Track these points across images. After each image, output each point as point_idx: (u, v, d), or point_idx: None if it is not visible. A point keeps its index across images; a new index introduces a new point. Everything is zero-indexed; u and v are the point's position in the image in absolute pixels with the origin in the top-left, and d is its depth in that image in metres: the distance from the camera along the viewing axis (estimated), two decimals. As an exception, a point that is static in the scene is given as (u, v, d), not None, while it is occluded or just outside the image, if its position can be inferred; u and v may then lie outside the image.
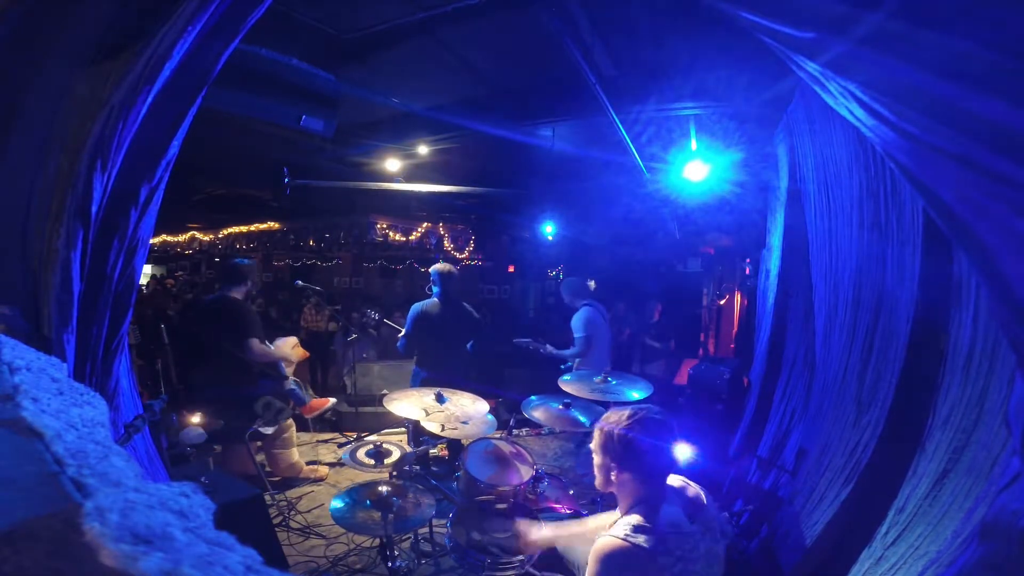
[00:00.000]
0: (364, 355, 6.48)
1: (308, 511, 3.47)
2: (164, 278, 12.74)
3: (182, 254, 13.63)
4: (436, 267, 4.07)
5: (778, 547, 2.49)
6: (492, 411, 3.10)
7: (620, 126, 3.93)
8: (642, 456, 1.46)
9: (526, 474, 2.65)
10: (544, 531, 1.93)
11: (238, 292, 3.73)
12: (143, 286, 9.08)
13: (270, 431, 3.75)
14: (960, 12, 1.01)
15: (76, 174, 1.41)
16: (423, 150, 5.52)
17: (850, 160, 2.34)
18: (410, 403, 2.83)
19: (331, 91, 3.69)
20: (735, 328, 8.14)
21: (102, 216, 1.60)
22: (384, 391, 5.13)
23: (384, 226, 9.05)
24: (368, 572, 2.84)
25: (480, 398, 3.00)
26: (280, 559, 2.74)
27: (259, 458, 4.02)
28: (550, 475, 2.95)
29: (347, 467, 3.12)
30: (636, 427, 1.48)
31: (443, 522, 2.62)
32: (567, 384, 3.10)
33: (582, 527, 1.86)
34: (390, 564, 2.42)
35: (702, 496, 1.54)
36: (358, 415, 5.24)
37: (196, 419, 3.09)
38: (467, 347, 4.15)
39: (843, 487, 2.11)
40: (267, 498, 3.37)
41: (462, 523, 2.30)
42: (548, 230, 7.37)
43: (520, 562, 2.08)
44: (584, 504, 2.95)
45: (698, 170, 4.33)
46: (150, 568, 0.34)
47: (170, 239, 13.10)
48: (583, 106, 4.10)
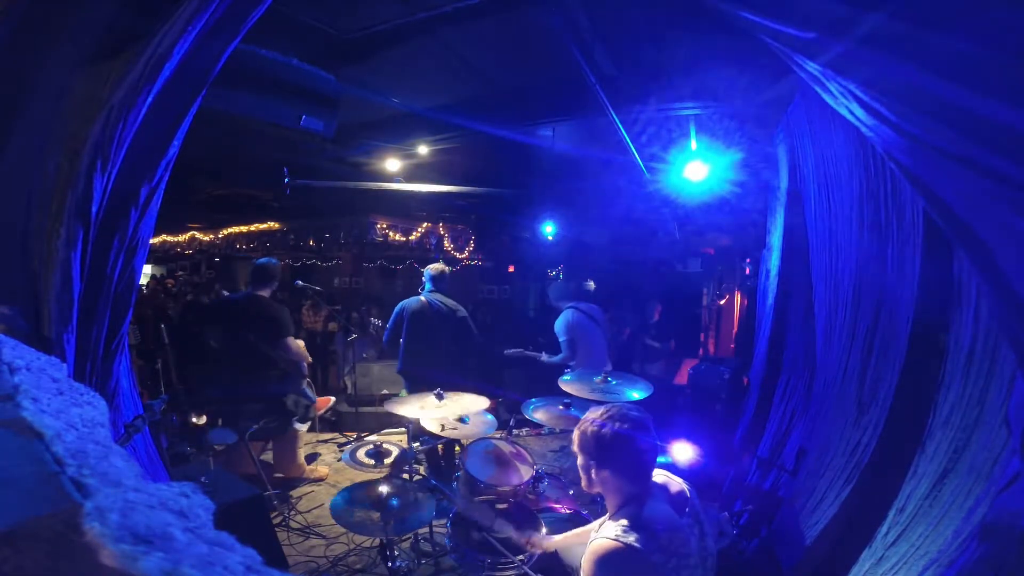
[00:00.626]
0: (364, 355, 6.48)
1: (308, 511, 3.47)
2: (164, 278, 12.74)
3: (182, 254, 13.61)
4: (430, 267, 4.16)
5: (778, 547, 2.49)
6: (492, 411, 3.10)
7: (620, 126, 3.93)
8: (619, 453, 1.47)
9: (526, 474, 2.65)
10: (554, 539, 1.99)
11: (265, 291, 3.76)
12: (143, 286, 9.08)
13: (304, 428, 3.79)
14: (961, 12, 1.01)
15: (76, 174, 1.41)
16: (423, 150, 5.51)
17: (850, 160, 2.34)
18: (410, 403, 2.83)
19: (331, 91, 3.69)
20: (735, 328, 8.14)
21: (102, 216, 1.60)
22: (384, 391, 5.13)
23: (384, 226, 9.05)
24: (368, 572, 2.84)
25: (480, 398, 3.00)
26: (280, 559, 2.74)
27: (265, 457, 4.03)
28: (550, 475, 2.95)
29: (347, 467, 3.12)
30: (609, 424, 1.49)
31: (443, 522, 2.62)
32: (567, 384, 3.10)
33: (585, 529, 1.87)
34: (390, 564, 2.42)
35: (686, 490, 1.55)
36: (358, 415, 5.24)
37: (206, 419, 3.11)
38: (455, 347, 4.12)
39: (843, 487, 2.11)
40: (267, 498, 3.38)
41: (462, 523, 2.30)
42: (548, 230, 7.36)
43: (520, 562, 2.08)
44: (584, 504, 2.95)
45: (698, 170, 4.32)
46: (150, 568, 0.34)
47: (170, 239, 13.09)
48: (583, 106, 4.09)
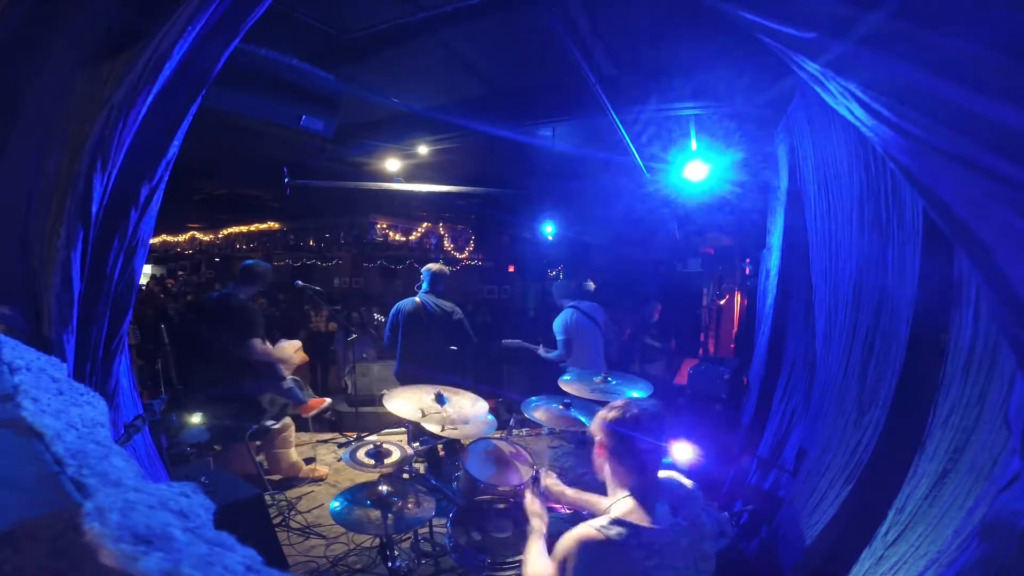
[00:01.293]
0: (364, 355, 6.48)
1: (308, 511, 3.47)
2: (164, 278, 12.74)
3: (182, 254, 13.62)
4: (429, 266, 4.16)
5: (778, 547, 2.49)
6: (492, 411, 3.10)
7: (620, 126, 3.93)
8: (629, 448, 1.50)
9: (526, 474, 2.65)
10: (568, 492, 2.05)
11: (245, 293, 3.75)
12: (143, 286, 9.08)
13: (277, 425, 3.78)
14: (960, 12, 1.01)
15: (76, 174, 1.41)
16: (423, 150, 5.51)
17: (850, 160, 2.34)
18: (410, 403, 2.83)
19: (331, 91, 3.69)
20: (735, 328, 8.14)
21: (102, 216, 1.60)
22: (384, 391, 5.13)
23: (384, 226, 9.05)
24: (368, 572, 2.84)
25: (480, 398, 3.00)
26: (280, 559, 2.74)
27: (259, 458, 4.02)
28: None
29: (347, 467, 3.12)
30: (627, 419, 1.53)
31: (443, 522, 2.62)
32: (567, 384, 3.10)
33: (597, 499, 1.93)
34: (390, 564, 2.42)
35: (691, 492, 1.56)
36: (358, 415, 5.24)
37: (197, 418, 3.10)
38: (450, 347, 4.12)
39: (844, 487, 2.11)
40: (267, 498, 3.38)
41: (462, 523, 2.30)
42: (548, 230, 7.37)
43: (520, 562, 2.08)
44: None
45: (698, 170, 4.32)
46: (150, 568, 0.34)
47: (170, 239, 13.10)
48: (583, 106, 4.09)
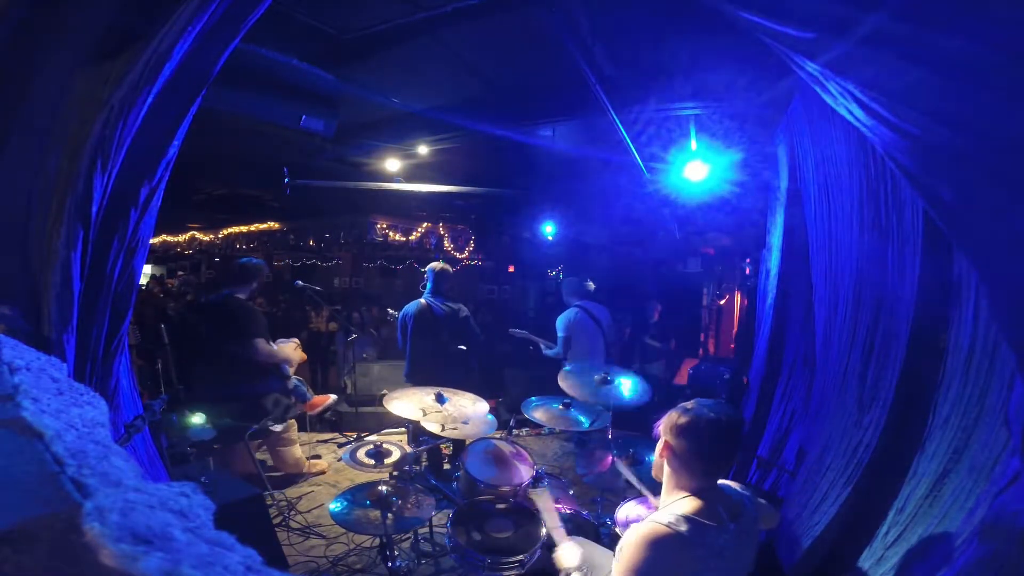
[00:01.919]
0: (364, 355, 6.48)
1: (308, 511, 3.47)
2: (164, 278, 12.74)
3: (182, 254, 13.62)
4: (431, 265, 4.14)
5: (778, 547, 2.49)
6: (492, 411, 3.10)
7: (620, 126, 3.93)
8: (701, 453, 1.47)
9: (526, 474, 2.65)
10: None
11: (242, 292, 3.75)
12: (143, 286, 9.08)
13: (279, 428, 3.79)
14: (960, 12, 1.01)
15: (76, 174, 1.41)
16: (423, 150, 5.51)
17: (850, 160, 2.34)
18: (410, 403, 2.83)
19: (331, 91, 3.69)
20: (735, 328, 8.15)
21: (102, 216, 1.60)
22: (384, 391, 5.14)
23: (384, 226, 9.05)
24: (368, 572, 2.84)
25: (480, 398, 3.00)
26: (280, 559, 2.74)
27: (262, 456, 4.03)
28: (550, 475, 2.95)
29: (347, 467, 3.13)
30: (704, 425, 1.47)
31: (443, 522, 2.62)
32: (566, 382, 3.09)
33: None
34: (390, 564, 2.42)
35: (746, 500, 1.55)
36: (358, 415, 5.24)
37: (200, 417, 3.11)
38: (458, 347, 4.13)
39: (844, 487, 2.10)
40: (267, 498, 3.38)
41: (462, 523, 2.30)
42: (548, 230, 7.37)
43: (520, 562, 2.08)
44: (584, 504, 2.95)
45: (698, 170, 4.33)
46: (150, 568, 0.34)
47: (170, 239, 13.10)
48: (583, 106, 4.09)
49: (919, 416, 1.79)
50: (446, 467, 3.96)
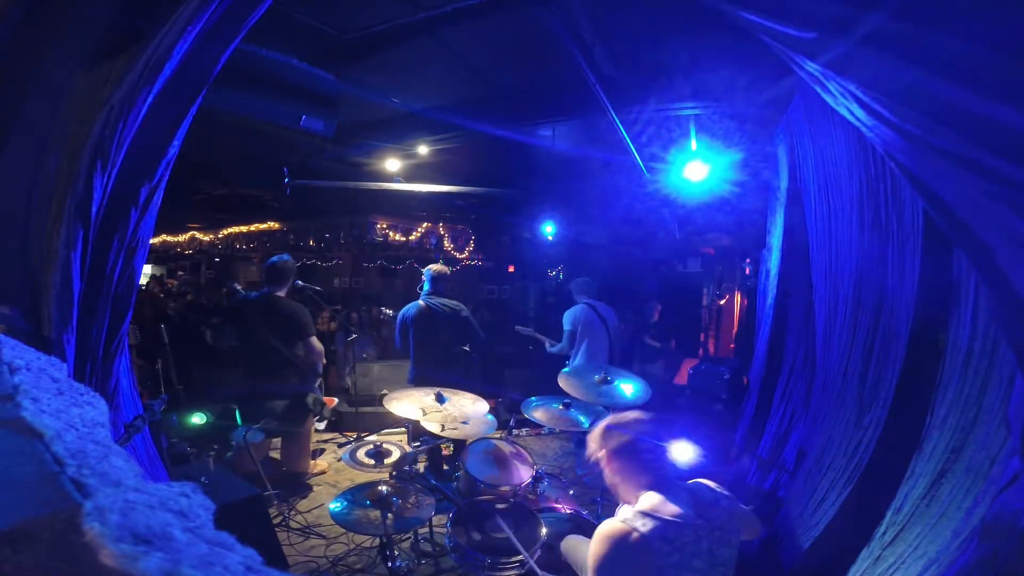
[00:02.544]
0: (364, 355, 6.47)
1: (308, 511, 3.47)
2: (164, 278, 12.74)
3: (182, 254, 13.61)
4: (430, 267, 4.16)
5: (778, 547, 2.49)
6: (492, 411, 3.10)
7: (620, 126, 3.93)
8: (632, 448, 1.54)
9: (526, 474, 2.65)
10: None
11: (282, 291, 3.76)
12: (143, 286, 9.07)
13: (322, 426, 3.82)
14: (960, 12, 1.01)
15: (76, 174, 1.41)
16: (423, 150, 5.51)
17: (850, 160, 2.34)
18: (410, 403, 2.83)
19: (331, 91, 3.69)
20: (735, 328, 8.15)
21: (102, 216, 1.60)
22: (384, 391, 5.16)
23: (384, 226, 9.04)
24: (368, 572, 2.84)
25: (480, 398, 3.00)
26: (280, 559, 2.74)
27: (275, 455, 4.04)
28: (550, 475, 2.95)
29: (347, 467, 3.13)
30: (623, 422, 1.60)
31: (443, 522, 2.62)
32: (566, 377, 3.09)
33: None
34: (390, 564, 2.42)
35: (719, 497, 1.56)
36: (358, 415, 5.23)
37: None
38: (462, 347, 4.13)
39: (845, 487, 2.11)
40: (271, 499, 3.38)
41: (462, 523, 2.30)
42: (548, 230, 7.37)
43: (520, 562, 2.08)
44: (584, 504, 2.95)
45: (698, 170, 4.33)
46: (150, 568, 0.34)
47: (170, 239, 13.09)
48: (583, 106, 4.09)
49: (919, 416, 1.79)
50: (445, 468, 3.96)
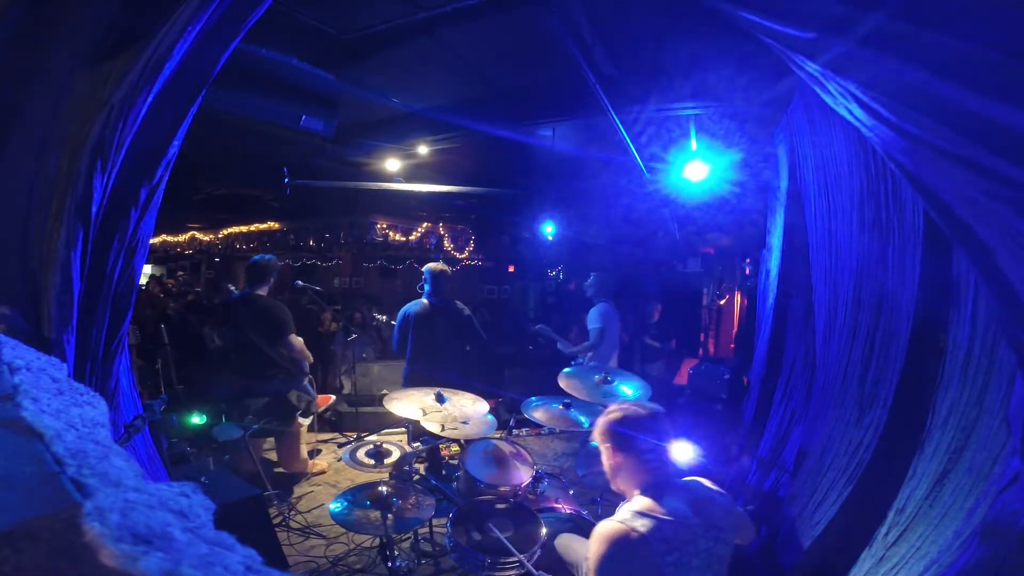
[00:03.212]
0: (364, 355, 6.47)
1: (308, 511, 3.47)
2: (164, 278, 12.74)
3: (182, 254, 13.62)
4: (429, 266, 4.12)
5: (778, 547, 2.49)
6: (492, 411, 3.10)
7: (620, 126, 3.93)
8: (633, 446, 1.53)
9: (526, 474, 2.65)
10: None
11: (263, 290, 3.77)
12: (143, 286, 9.07)
13: (306, 422, 3.82)
14: (961, 12, 1.01)
15: (76, 174, 1.41)
16: (423, 150, 5.51)
17: (850, 160, 2.34)
18: (410, 403, 2.83)
19: (331, 91, 3.69)
20: (735, 328, 8.14)
21: (102, 216, 1.60)
22: (384, 391, 5.16)
23: (384, 226, 9.05)
24: (368, 572, 2.84)
25: (480, 398, 3.00)
26: (280, 559, 2.74)
27: (270, 456, 4.04)
28: (550, 475, 2.95)
29: (347, 467, 3.13)
30: (626, 419, 1.58)
31: (443, 522, 2.62)
32: (566, 381, 3.09)
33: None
34: (390, 564, 2.42)
35: (715, 496, 1.56)
36: (358, 415, 5.24)
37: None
38: (462, 347, 4.12)
39: (845, 487, 2.10)
40: (270, 498, 3.38)
41: (462, 523, 2.30)
42: (548, 230, 7.36)
43: (520, 562, 2.08)
44: (584, 504, 2.95)
45: (698, 170, 4.33)
46: (150, 568, 0.34)
47: (170, 239, 13.10)
48: (583, 106, 4.09)
49: (919, 416, 1.79)
50: (443, 472, 3.96)
